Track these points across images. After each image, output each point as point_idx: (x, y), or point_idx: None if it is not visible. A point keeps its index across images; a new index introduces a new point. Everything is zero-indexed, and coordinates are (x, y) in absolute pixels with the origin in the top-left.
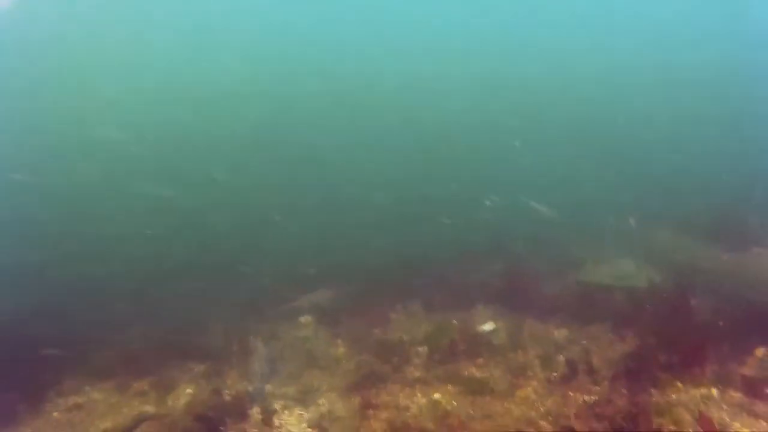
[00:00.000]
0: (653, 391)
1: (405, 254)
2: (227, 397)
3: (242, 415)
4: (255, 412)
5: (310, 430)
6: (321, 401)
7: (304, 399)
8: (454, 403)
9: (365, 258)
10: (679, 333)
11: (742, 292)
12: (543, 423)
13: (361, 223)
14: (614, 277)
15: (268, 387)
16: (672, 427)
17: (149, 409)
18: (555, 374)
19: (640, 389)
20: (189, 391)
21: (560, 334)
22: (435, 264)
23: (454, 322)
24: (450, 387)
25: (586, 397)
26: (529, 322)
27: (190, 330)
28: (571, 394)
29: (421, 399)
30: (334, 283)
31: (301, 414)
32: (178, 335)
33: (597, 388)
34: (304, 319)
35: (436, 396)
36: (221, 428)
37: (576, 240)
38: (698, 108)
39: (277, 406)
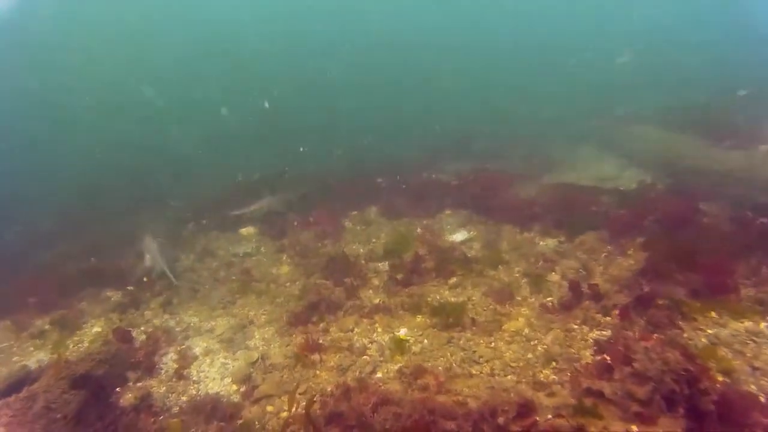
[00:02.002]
0: (682, 323)
1: (360, 153)
2: (141, 337)
3: (152, 366)
4: (169, 360)
5: (234, 386)
6: (253, 341)
7: (232, 339)
8: (425, 341)
9: (317, 159)
10: (693, 245)
11: (758, 196)
12: (547, 373)
13: (313, 121)
14: (596, 178)
15: (193, 320)
16: (722, 379)
17: (42, 356)
18: (551, 299)
19: (665, 321)
20: (96, 329)
21: (547, 245)
22: (394, 163)
23: (419, 230)
24: (419, 318)
25: (596, 333)
26: (507, 230)
27: (113, 248)
28: (576, 327)
29: (381, 336)
30: (281, 188)
31: (225, 362)
32: (99, 254)
33: (608, 319)
34: (246, 230)
35: (402, 332)
36: (117, 389)
37: (546, 137)
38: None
39: (198, 349)
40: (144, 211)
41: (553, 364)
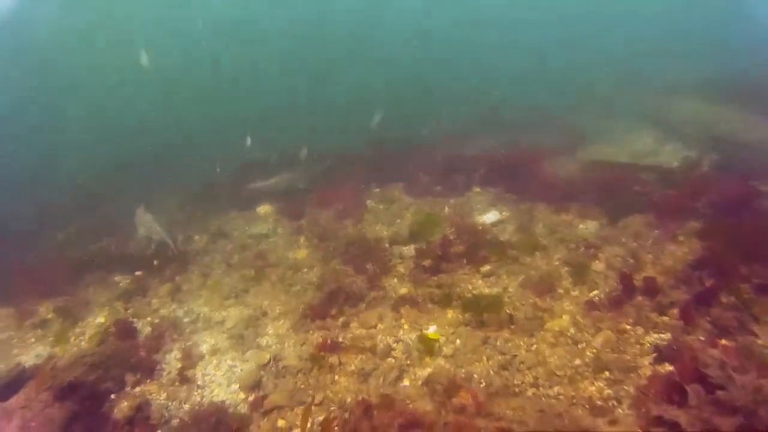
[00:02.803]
0: (754, 327)
1: (384, 126)
2: (146, 330)
3: (153, 367)
4: (173, 359)
5: (242, 394)
6: (266, 339)
7: (242, 336)
8: (458, 342)
9: (337, 131)
10: (755, 232)
11: None
12: (601, 386)
13: (332, 90)
14: (634, 153)
15: (203, 311)
16: None
17: (41, 350)
18: (597, 293)
19: (733, 324)
20: (100, 320)
21: (588, 228)
22: (419, 137)
23: (447, 210)
24: (449, 313)
25: (654, 336)
26: (541, 210)
27: (124, 227)
28: (629, 328)
29: (408, 334)
30: (301, 163)
31: (233, 365)
32: (111, 234)
33: (665, 319)
34: (263, 209)
35: (431, 330)
36: (112, 396)
37: (577, 108)
38: None
39: (205, 347)
40: (160, 188)
41: (606, 373)
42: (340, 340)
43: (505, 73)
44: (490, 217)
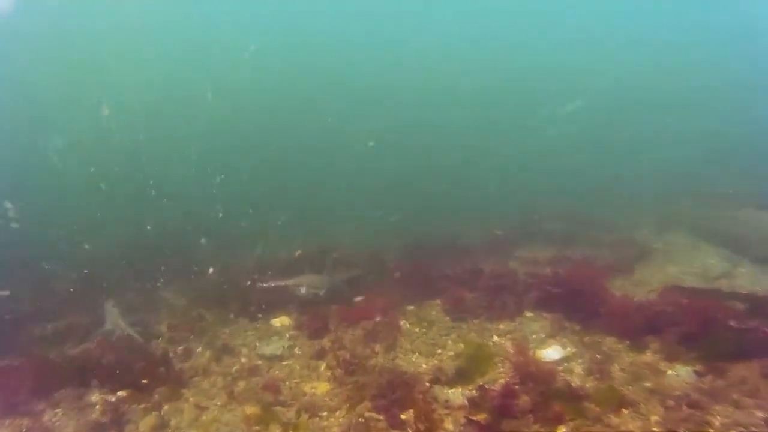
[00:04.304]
0: None
1: (421, 234)
2: None
3: None
4: None
5: None
6: None
7: None
8: None
9: (369, 237)
10: None
11: None
12: None
13: (366, 192)
14: (704, 276)
15: None
16: None
17: None
18: None
19: None
20: None
21: (679, 376)
22: (461, 248)
23: (496, 339)
24: None
25: None
26: (613, 346)
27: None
28: None
29: None
30: (325, 270)
31: None
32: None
33: None
34: (279, 320)
35: None
36: None
37: (628, 219)
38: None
39: None
40: (169, 283)
41: None
42: None
43: (546, 171)
44: (551, 353)
